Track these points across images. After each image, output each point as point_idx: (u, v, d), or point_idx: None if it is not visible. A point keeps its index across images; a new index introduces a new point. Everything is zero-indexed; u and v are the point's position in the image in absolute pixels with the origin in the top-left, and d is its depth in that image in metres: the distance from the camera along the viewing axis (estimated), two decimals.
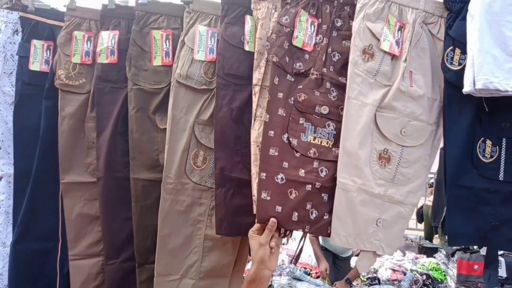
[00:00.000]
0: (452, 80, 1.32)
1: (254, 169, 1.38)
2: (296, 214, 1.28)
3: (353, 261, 3.99)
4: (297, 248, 1.46)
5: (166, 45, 1.58)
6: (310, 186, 1.31)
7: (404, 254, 4.51)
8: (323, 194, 1.32)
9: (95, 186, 1.68)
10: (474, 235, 1.32)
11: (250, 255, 1.49)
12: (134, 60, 1.59)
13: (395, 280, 3.84)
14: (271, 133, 1.30)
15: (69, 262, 1.71)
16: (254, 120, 1.40)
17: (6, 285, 1.77)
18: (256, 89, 1.41)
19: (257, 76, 1.42)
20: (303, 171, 1.31)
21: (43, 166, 1.73)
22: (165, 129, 1.56)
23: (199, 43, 1.51)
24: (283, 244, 4.60)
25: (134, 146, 1.59)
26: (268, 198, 1.27)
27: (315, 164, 1.32)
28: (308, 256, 4.29)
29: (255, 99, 1.41)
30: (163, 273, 1.51)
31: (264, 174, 1.28)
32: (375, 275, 3.99)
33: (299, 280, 3.31)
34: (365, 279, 3.97)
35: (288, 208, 1.28)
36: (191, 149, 1.53)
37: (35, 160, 1.72)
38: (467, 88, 1.22)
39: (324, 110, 1.34)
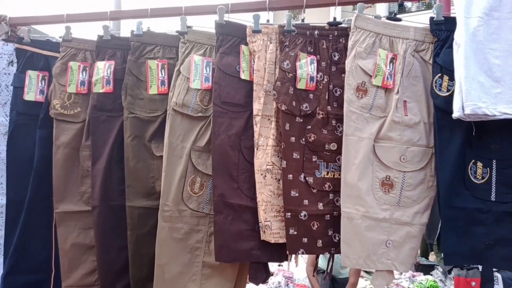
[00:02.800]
0: (441, 106, 1.37)
1: (260, 197, 1.44)
2: (320, 241, 1.45)
3: None
4: (328, 268, 1.62)
5: (161, 74, 1.60)
6: (328, 216, 1.46)
7: (401, 273, 4.50)
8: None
9: (90, 215, 1.67)
10: (469, 255, 1.35)
11: (249, 281, 1.50)
12: (130, 89, 1.61)
13: None
14: (290, 176, 1.43)
15: None
16: (257, 149, 1.45)
17: None
18: (257, 119, 1.46)
19: (257, 106, 1.47)
20: (321, 204, 1.46)
21: (37, 197, 1.71)
22: (161, 156, 1.57)
23: (194, 72, 1.54)
24: (279, 265, 4.52)
25: (130, 174, 1.59)
26: (295, 233, 1.42)
27: (331, 196, 1.47)
28: (305, 277, 4.26)
29: (256, 129, 1.46)
30: None
31: (289, 214, 1.43)
32: None
33: None
34: None
35: (313, 238, 1.44)
36: (188, 176, 1.54)
37: (29, 191, 1.70)
38: (456, 113, 1.27)
39: (333, 146, 1.47)
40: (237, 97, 1.49)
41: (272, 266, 4.99)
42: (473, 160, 1.37)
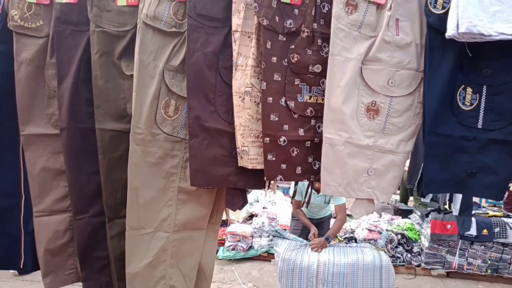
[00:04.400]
0: (435, 25, 1.27)
1: (238, 121, 1.37)
2: (300, 168, 1.41)
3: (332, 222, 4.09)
4: (306, 196, 1.65)
5: None
6: (309, 142, 1.41)
7: (380, 216, 4.65)
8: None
9: (59, 139, 1.57)
10: (450, 182, 1.33)
11: (225, 207, 1.47)
12: (96, 0, 1.45)
13: (371, 239, 3.97)
14: (270, 100, 1.35)
15: (34, 219, 1.62)
16: (236, 69, 1.35)
17: None
18: (236, 35, 1.34)
19: (236, 21, 1.34)
20: (302, 130, 1.40)
21: (0, 117, 1.60)
22: (132, 76, 1.45)
23: None
24: (264, 208, 4.55)
25: (99, 94, 1.48)
26: (274, 158, 1.37)
27: (313, 122, 1.41)
28: (288, 218, 4.39)
29: (235, 47, 1.35)
30: (135, 227, 1.46)
31: (268, 138, 1.36)
32: (352, 235, 4.10)
33: (280, 237, 3.35)
34: (342, 239, 4.08)
35: (292, 164, 1.39)
36: (161, 98, 1.43)
37: None
38: (450, 32, 1.18)
39: (318, 68, 1.38)
40: (215, 10, 1.35)
41: (257, 209, 5.10)
42: (463, 86, 1.30)
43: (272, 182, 1.42)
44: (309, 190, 1.58)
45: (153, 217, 1.47)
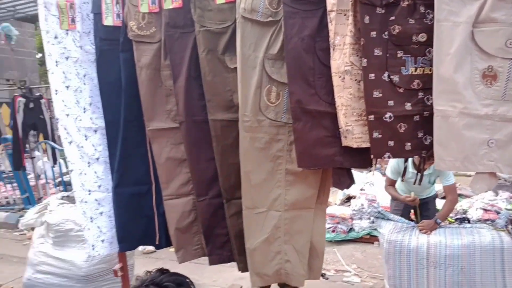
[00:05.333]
0: None
1: (339, 101, 1.37)
2: (409, 144, 1.35)
3: (439, 203, 3.79)
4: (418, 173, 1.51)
5: None
6: (418, 116, 1.34)
7: (497, 194, 4.18)
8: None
9: (178, 131, 1.78)
10: None
11: (333, 186, 1.50)
12: (198, 1, 1.57)
13: (487, 220, 3.59)
14: (372, 76, 1.32)
15: (164, 202, 1.87)
16: (333, 49, 1.35)
17: (114, 225, 2.00)
18: (332, 15, 1.34)
19: (331, 1, 1.34)
20: (409, 104, 1.34)
21: (130, 116, 1.85)
22: (235, 68, 1.56)
23: None
24: (361, 189, 4.39)
25: (208, 88, 1.62)
26: (380, 136, 1.34)
27: (420, 94, 1.34)
28: (388, 199, 4.23)
29: (331, 27, 1.35)
30: (250, 206, 1.59)
31: (372, 116, 1.34)
32: (464, 215, 3.77)
33: (384, 219, 3.24)
34: (453, 220, 3.78)
35: (400, 141, 1.35)
36: (263, 86, 1.51)
37: (122, 111, 1.84)
38: None
39: (422, 37, 1.29)
40: None
41: (354, 191, 5.00)
42: None
43: (379, 160, 1.40)
44: (422, 166, 1.50)
45: (265, 197, 1.58)
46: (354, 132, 1.38)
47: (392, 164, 3.13)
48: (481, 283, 2.98)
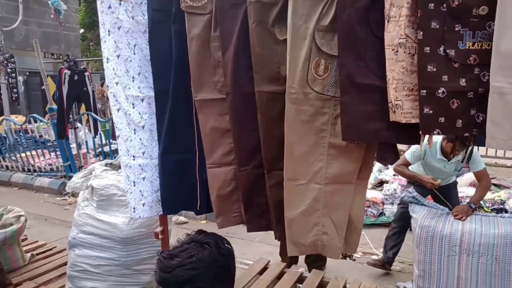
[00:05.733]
0: None
1: (390, 75, 1.36)
2: (460, 120, 1.33)
3: (465, 189, 3.68)
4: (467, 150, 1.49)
5: None
6: (472, 93, 1.31)
7: None
8: (487, 98, 1.27)
9: (224, 102, 1.82)
10: None
11: (377, 161, 1.51)
12: None
13: None
14: (427, 49, 1.29)
15: (207, 170, 1.94)
16: (388, 21, 1.33)
17: (155, 190, 2.10)
18: None
19: None
20: (463, 80, 1.30)
21: (179, 87, 1.92)
22: (284, 40, 1.57)
23: None
24: (394, 175, 4.34)
25: (256, 60, 1.65)
26: (431, 112, 1.32)
27: (476, 70, 1.30)
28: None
29: None
30: (291, 178, 1.62)
31: (425, 91, 1.31)
32: (502, 206, 3.65)
33: (418, 204, 3.21)
34: (489, 210, 3.67)
35: (451, 117, 1.32)
36: (312, 58, 1.52)
37: (171, 81, 1.91)
38: None
39: (483, 10, 1.24)
40: None
41: (387, 176, 4.93)
42: None
43: (427, 136, 1.39)
44: (472, 145, 1.48)
45: (306, 169, 1.61)
46: (403, 107, 1.37)
47: (415, 149, 3.08)
48: None
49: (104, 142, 6.67)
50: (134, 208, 2.05)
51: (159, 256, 1.17)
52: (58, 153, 6.74)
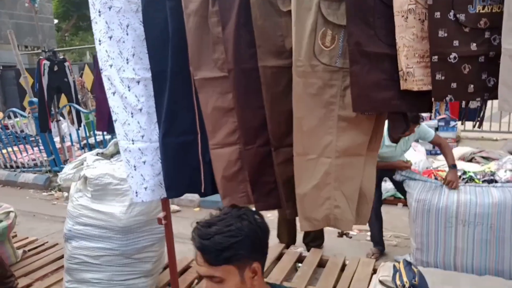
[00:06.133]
0: None
1: (401, 42, 1.34)
2: (472, 86, 1.33)
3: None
4: (479, 115, 1.52)
5: None
6: (483, 57, 1.31)
7: None
8: (498, 61, 1.27)
9: (225, 81, 1.77)
10: None
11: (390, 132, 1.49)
12: None
13: None
14: (437, 14, 1.28)
15: (210, 151, 1.89)
16: None
17: (157, 174, 2.05)
18: None
19: None
20: (474, 44, 1.30)
21: (177, 66, 1.85)
22: (288, 12, 1.53)
23: None
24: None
25: (259, 34, 1.60)
26: (443, 78, 1.32)
27: (487, 34, 1.30)
28: (414, 163, 4.21)
29: None
30: (301, 153, 1.60)
31: (436, 57, 1.31)
32: (492, 177, 3.74)
33: (411, 179, 3.27)
34: (480, 182, 3.76)
35: (463, 82, 1.32)
36: (318, 29, 1.48)
37: (169, 61, 1.84)
38: None
39: None
40: None
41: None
42: None
43: (439, 103, 1.38)
44: (484, 109, 1.48)
45: (316, 144, 1.59)
46: (415, 74, 1.35)
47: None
48: (510, 239, 3.02)
49: (88, 134, 6.51)
50: (136, 192, 2.00)
51: (196, 225, 1.17)
52: (41, 147, 6.55)
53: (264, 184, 1.80)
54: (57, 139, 6.52)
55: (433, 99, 1.37)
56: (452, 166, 3.11)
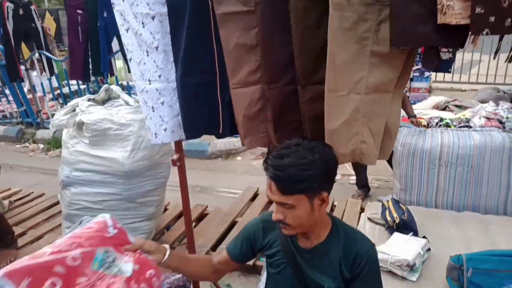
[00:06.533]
0: None
1: None
2: (509, 19, 1.33)
3: (429, 111, 4.03)
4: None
5: None
6: None
7: (498, 104, 4.36)
8: None
9: (248, 16, 1.71)
10: None
11: (422, 67, 1.51)
12: None
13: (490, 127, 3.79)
14: None
15: (231, 91, 1.85)
16: None
17: (175, 115, 2.00)
18: None
19: None
20: None
21: (195, 1, 1.76)
22: None
23: None
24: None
25: None
26: (482, 11, 1.32)
27: None
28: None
29: None
30: (332, 89, 1.61)
31: None
32: (467, 124, 3.95)
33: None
34: (456, 128, 3.96)
35: (501, 16, 1.32)
36: None
37: None
38: None
39: None
40: None
41: None
42: None
43: (474, 37, 1.41)
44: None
45: (347, 80, 1.60)
46: (455, 7, 1.36)
47: None
48: (488, 179, 3.29)
49: (61, 83, 6.18)
50: (155, 134, 1.95)
51: (269, 155, 1.19)
52: (10, 98, 6.17)
53: (288, 123, 1.81)
54: (26, 90, 6.15)
55: (470, 32, 1.39)
56: (413, 116, 3.41)
